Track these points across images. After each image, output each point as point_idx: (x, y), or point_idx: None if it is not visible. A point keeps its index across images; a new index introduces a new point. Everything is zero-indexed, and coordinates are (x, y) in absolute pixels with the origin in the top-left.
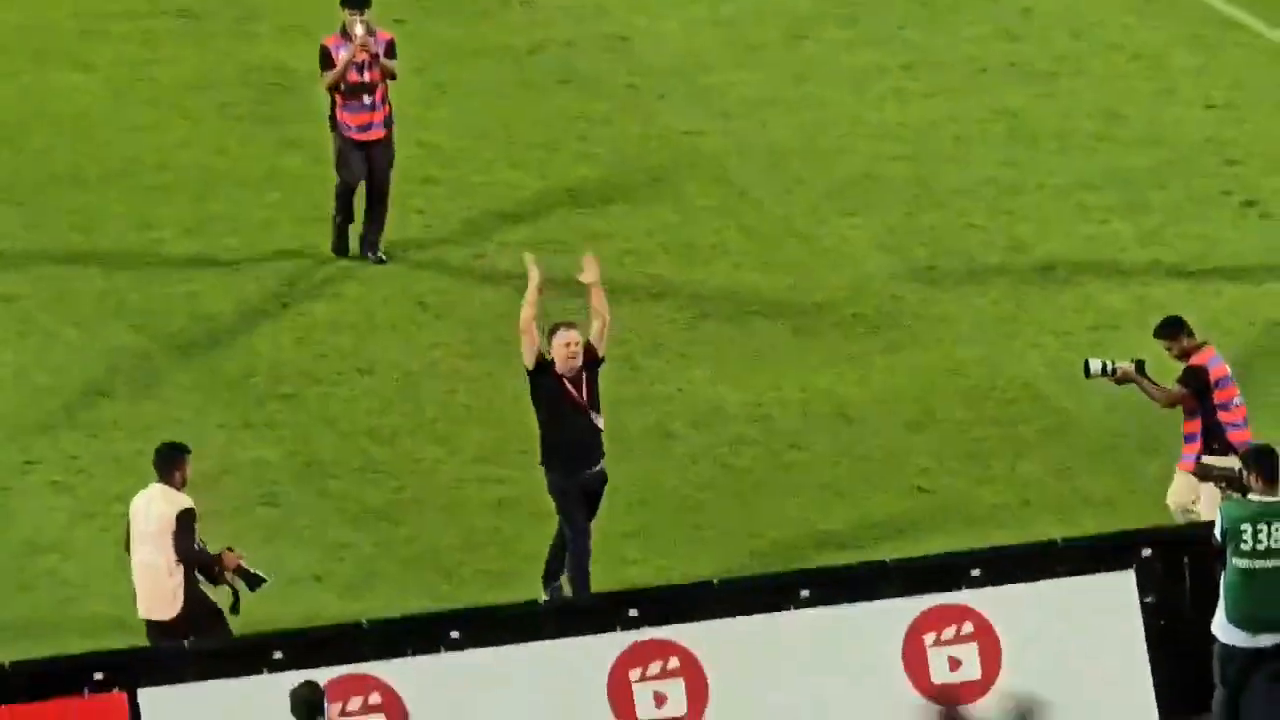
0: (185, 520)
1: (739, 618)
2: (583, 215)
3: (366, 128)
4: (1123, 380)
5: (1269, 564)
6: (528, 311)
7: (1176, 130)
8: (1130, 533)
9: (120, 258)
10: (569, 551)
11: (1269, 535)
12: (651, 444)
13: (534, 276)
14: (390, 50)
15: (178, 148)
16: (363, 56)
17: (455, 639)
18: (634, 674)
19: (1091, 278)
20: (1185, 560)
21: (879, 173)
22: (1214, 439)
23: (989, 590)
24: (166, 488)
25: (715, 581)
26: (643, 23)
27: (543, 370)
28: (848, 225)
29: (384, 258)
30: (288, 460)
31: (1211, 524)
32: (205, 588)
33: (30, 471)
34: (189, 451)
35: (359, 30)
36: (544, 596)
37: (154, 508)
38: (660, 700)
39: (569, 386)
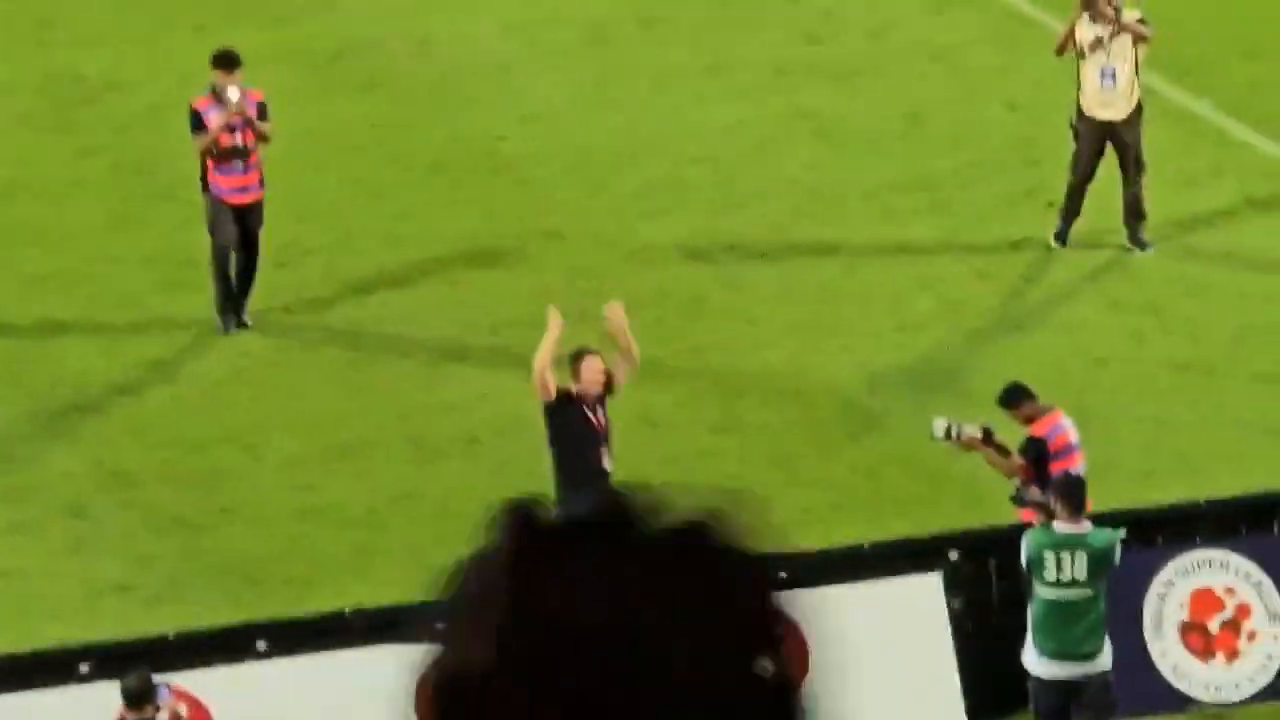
0: None
1: None
2: (386, 221)
3: (242, 190)
4: (967, 446)
5: (1073, 594)
6: (544, 359)
7: (979, 131)
8: (937, 536)
9: None
10: None
11: (1071, 565)
12: (457, 451)
13: (554, 327)
14: (262, 112)
15: None
16: (236, 120)
17: (261, 649)
18: None
19: (898, 280)
20: (992, 563)
21: (682, 176)
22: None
23: (794, 593)
24: None
25: None
26: (445, 25)
27: (566, 401)
28: (652, 229)
29: (248, 322)
30: (93, 470)
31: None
32: None
33: None
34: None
35: (233, 96)
36: None
37: None
38: None
39: (590, 415)
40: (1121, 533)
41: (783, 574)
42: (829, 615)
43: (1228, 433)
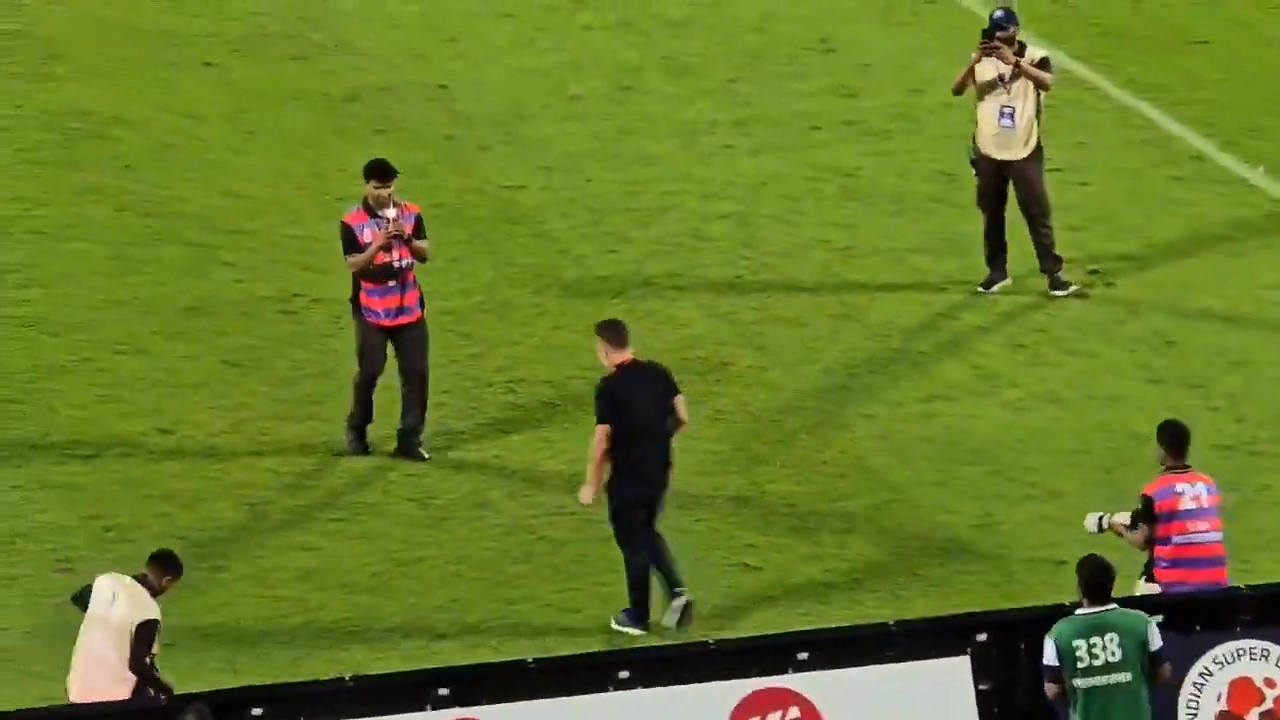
0: (145, 632)
1: (556, 699)
2: None
3: (398, 311)
4: (1116, 532)
5: (1111, 679)
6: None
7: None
8: (965, 616)
9: None
10: None
11: (1103, 648)
12: (467, 513)
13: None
14: (419, 227)
15: None
16: (393, 238)
17: (256, 716)
18: None
19: (926, 346)
20: (1022, 646)
21: (706, 231)
22: (1150, 569)
23: (817, 674)
24: (139, 586)
25: (531, 661)
26: (463, 71)
27: None
28: (672, 286)
29: (425, 455)
30: (85, 524)
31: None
32: None
33: None
34: (181, 572)
35: (390, 213)
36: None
37: (120, 600)
38: None
39: None
40: (1159, 618)
41: (805, 654)
42: (851, 698)
43: (1271, 516)
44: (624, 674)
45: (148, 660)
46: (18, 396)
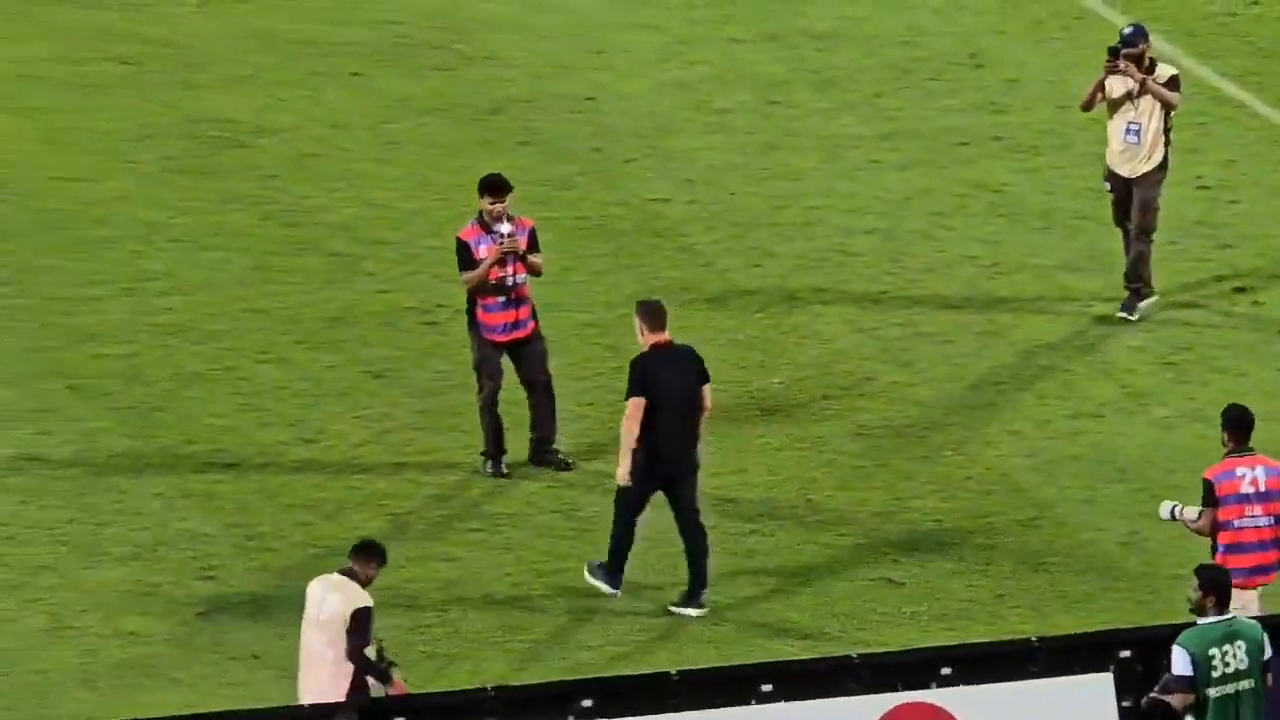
0: (360, 620)
1: (698, 711)
2: (540, 284)
3: (514, 326)
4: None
5: (1240, 686)
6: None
7: (1167, 211)
8: (1108, 632)
9: (54, 315)
10: None
11: (1234, 656)
12: (609, 525)
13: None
14: (533, 240)
15: (116, 200)
16: (506, 254)
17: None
18: None
19: (1073, 363)
20: (1165, 663)
21: (851, 247)
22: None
23: (960, 689)
24: (347, 580)
25: (674, 672)
26: (609, 83)
27: None
28: (817, 301)
29: (569, 463)
30: (226, 532)
31: None
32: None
33: None
34: (385, 559)
35: (505, 228)
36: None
37: (330, 598)
38: None
39: None
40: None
41: (948, 669)
42: (994, 713)
43: None
44: (767, 687)
45: (364, 649)
46: (159, 405)
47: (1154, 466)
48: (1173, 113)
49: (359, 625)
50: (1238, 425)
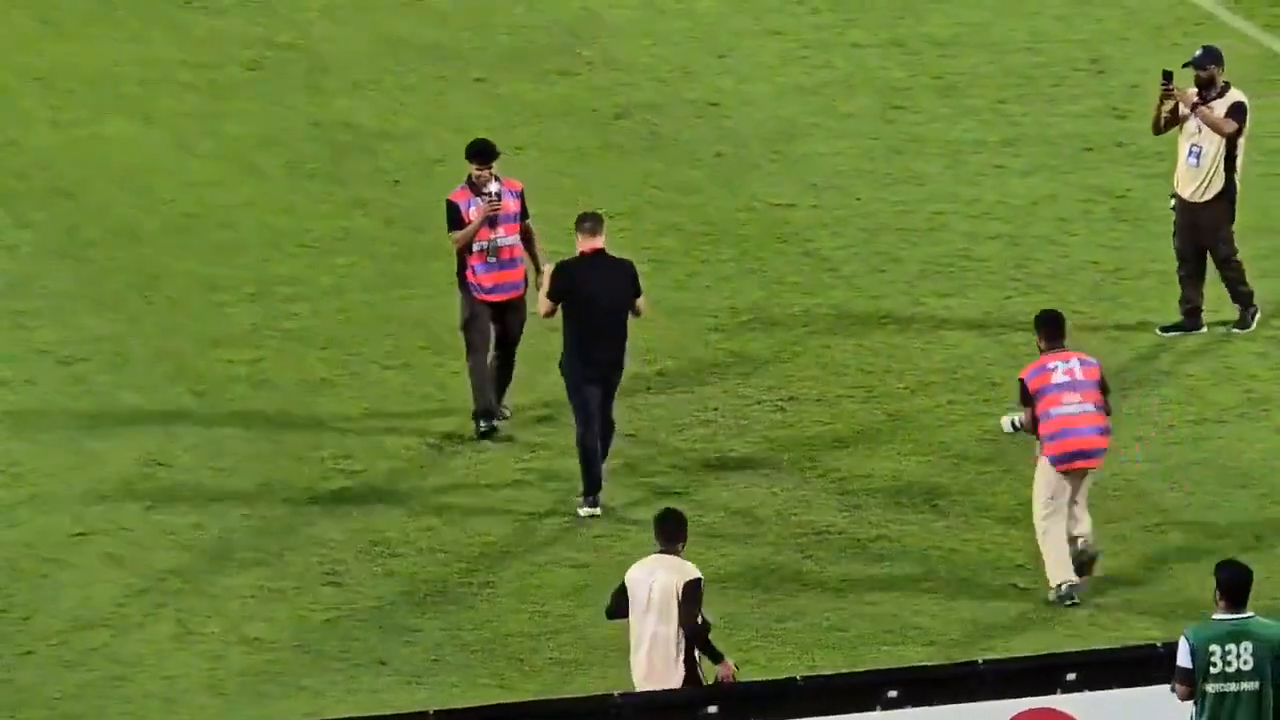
0: (692, 590)
1: (823, 717)
2: (665, 288)
3: (504, 287)
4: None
5: (1240, 687)
6: None
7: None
8: None
9: (180, 320)
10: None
11: (1237, 656)
12: (735, 530)
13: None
14: (523, 203)
15: (243, 206)
16: (497, 213)
17: None
18: None
19: (1197, 370)
20: None
21: (976, 252)
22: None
23: (1085, 695)
24: (668, 556)
25: (799, 679)
26: (732, 88)
27: None
28: (942, 306)
29: (507, 413)
30: (352, 538)
31: None
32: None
33: (81, 542)
34: (686, 533)
35: (493, 188)
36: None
37: (658, 578)
38: None
39: None
40: None
41: (1073, 674)
42: (1122, 717)
43: None
44: (892, 693)
45: (700, 618)
46: (286, 410)
47: (1277, 472)
48: (1239, 139)
49: (691, 594)
50: (1049, 324)
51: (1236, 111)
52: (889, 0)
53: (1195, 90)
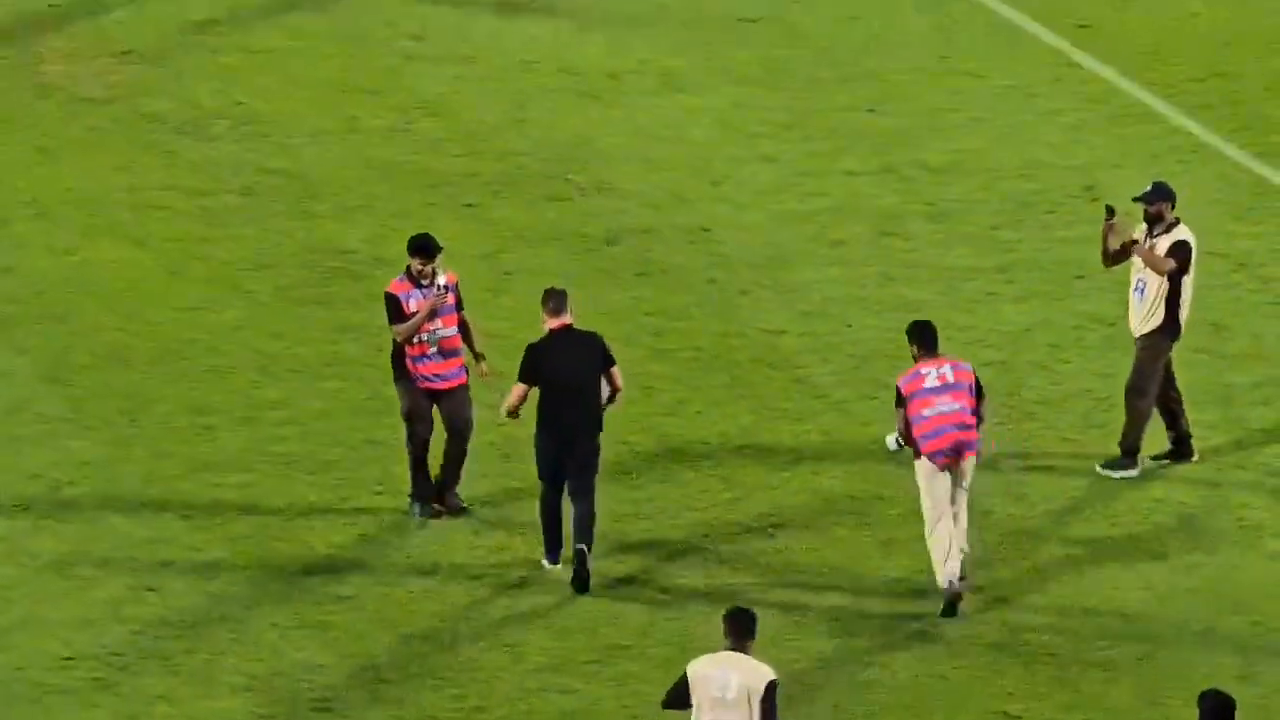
0: (773, 693)
1: None
2: (654, 415)
3: (442, 377)
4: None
5: None
6: None
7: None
8: None
9: (169, 444)
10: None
11: None
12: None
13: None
14: (458, 295)
15: (232, 330)
16: (439, 305)
17: None
18: None
19: (1193, 502)
20: None
21: None
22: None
23: None
24: (743, 655)
25: None
26: (725, 214)
27: None
28: None
29: (465, 507)
30: (341, 663)
31: None
32: None
33: (70, 668)
34: (755, 623)
35: (441, 280)
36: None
37: (733, 678)
38: None
39: None
40: None
41: None
42: None
43: None
44: None
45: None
46: (275, 534)
47: (1270, 600)
48: (1183, 277)
49: (771, 696)
50: (922, 334)
51: (1178, 250)
52: (883, 128)
53: (1144, 226)
